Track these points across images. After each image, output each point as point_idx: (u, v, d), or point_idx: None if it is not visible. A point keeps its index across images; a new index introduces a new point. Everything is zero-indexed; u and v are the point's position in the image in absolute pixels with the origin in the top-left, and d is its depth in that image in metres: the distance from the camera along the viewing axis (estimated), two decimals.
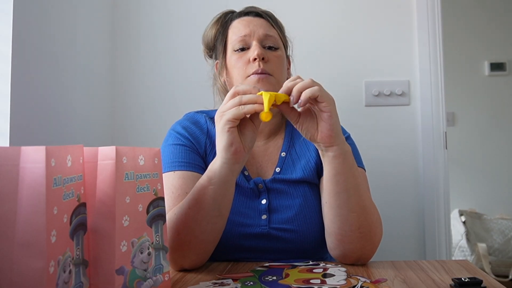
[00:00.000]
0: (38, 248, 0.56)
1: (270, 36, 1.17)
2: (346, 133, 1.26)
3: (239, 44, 1.17)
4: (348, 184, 0.96)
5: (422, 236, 1.75)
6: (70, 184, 0.63)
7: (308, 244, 1.10)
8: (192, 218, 0.94)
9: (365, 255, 1.00)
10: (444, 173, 1.76)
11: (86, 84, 1.60)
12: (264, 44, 1.17)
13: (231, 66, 1.18)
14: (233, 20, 1.23)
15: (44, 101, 1.34)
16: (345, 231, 0.98)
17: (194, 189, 0.96)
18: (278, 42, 1.20)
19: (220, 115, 0.92)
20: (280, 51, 1.20)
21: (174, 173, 1.09)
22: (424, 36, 1.78)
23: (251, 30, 1.17)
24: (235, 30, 1.19)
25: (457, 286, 0.78)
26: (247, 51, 1.16)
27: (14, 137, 1.18)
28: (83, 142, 1.51)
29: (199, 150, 1.15)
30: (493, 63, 3.46)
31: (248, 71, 1.13)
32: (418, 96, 1.77)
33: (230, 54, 1.19)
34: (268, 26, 1.19)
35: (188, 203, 0.95)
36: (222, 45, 1.22)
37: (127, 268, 0.71)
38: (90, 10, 1.65)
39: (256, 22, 1.19)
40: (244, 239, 1.08)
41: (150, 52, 1.83)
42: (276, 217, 1.10)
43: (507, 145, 3.42)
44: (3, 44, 1.18)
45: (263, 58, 1.13)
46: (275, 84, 1.12)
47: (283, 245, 1.09)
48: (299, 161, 1.18)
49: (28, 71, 1.26)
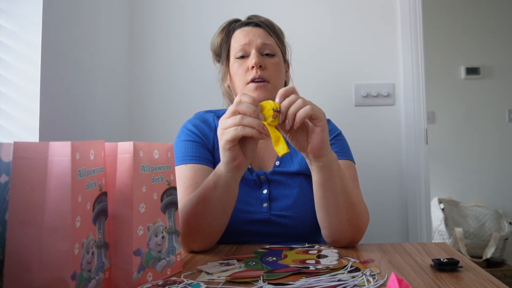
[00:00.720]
0: (64, 232, 0.56)
1: (267, 44, 1.17)
2: (338, 130, 1.26)
3: (240, 52, 1.16)
4: (335, 188, 0.94)
5: (405, 222, 1.74)
6: (92, 175, 0.63)
7: (304, 229, 1.10)
8: (199, 213, 0.94)
9: (355, 240, 1.01)
10: (425, 165, 1.75)
11: (106, 87, 1.60)
12: (262, 52, 1.16)
13: (233, 73, 1.18)
14: (235, 30, 1.22)
15: (69, 101, 1.34)
16: (335, 225, 0.98)
17: (202, 188, 0.95)
18: (275, 49, 1.19)
19: (221, 132, 0.87)
20: (277, 57, 1.19)
21: (186, 166, 1.10)
22: (407, 44, 1.77)
23: (250, 39, 1.16)
24: (236, 39, 1.19)
25: (436, 266, 0.78)
26: (246, 59, 1.16)
27: (43, 133, 1.18)
28: (104, 138, 1.51)
29: (208, 146, 1.15)
30: (469, 67, 3.45)
31: (247, 78, 1.13)
32: (402, 97, 1.77)
33: (232, 61, 1.19)
34: (265, 35, 1.19)
35: (197, 199, 0.95)
36: (226, 53, 1.22)
37: (144, 249, 0.71)
38: (110, 17, 1.64)
39: (255, 31, 1.18)
40: (247, 225, 1.08)
41: (165, 57, 1.83)
42: (276, 205, 1.10)
43: (481, 141, 3.41)
44: (33, 50, 1.18)
45: (260, 66, 1.13)
46: (272, 90, 1.13)
47: (282, 230, 1.09)
48: (296, 156, 1.19)
49: (55, 74, 1.26)
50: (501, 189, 3.36)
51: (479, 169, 3.40)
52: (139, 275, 0.70)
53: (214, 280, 0.73)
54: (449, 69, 3.48)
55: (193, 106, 1.70)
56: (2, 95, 1.17)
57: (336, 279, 0.71)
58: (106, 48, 1.60)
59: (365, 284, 0.70)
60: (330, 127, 1.24)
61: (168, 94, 1.81)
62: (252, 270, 0.78)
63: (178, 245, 0.81)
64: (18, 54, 1.18)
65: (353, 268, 0.78)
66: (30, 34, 1.18)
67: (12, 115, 1.16)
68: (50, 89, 1.22)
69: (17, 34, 1.18)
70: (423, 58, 1.78)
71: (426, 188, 1.75)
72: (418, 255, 0.90)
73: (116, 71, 1.69)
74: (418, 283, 0.70)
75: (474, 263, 0.82)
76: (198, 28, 1.82)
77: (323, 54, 1.80)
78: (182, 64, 1.82)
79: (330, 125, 1.26)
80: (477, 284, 0.69)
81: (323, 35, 1.81)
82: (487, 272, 0.76)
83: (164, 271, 0.76)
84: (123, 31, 1.77)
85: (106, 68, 1.59)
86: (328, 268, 0.78)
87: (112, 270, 0.69)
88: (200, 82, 1.79)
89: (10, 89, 1.17)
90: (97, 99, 1.52)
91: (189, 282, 0.71)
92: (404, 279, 0.61)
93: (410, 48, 1.77)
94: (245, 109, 0.84)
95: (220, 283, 0.72)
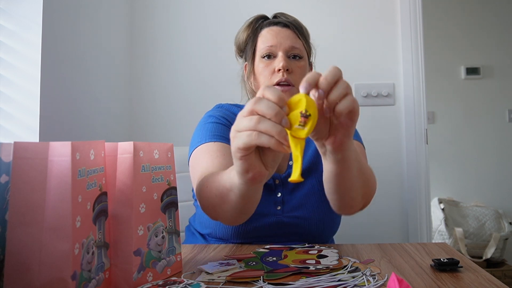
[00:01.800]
0: (65, 232, 0.56)
1: (295, 47, 1.13)
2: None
3: (266, 52, 1.13)
4: (351, 176, 0.83)
5: (406, 222, 1.74)
6: (93, 175, 0.63)
7: (315, 228, 1.11)
8: (217, 206, 0.89)
9: (364, 207, 1.01)
10: (425, 165, 1.75)
11: (107, 87, 1.60)
12: (289, 54, 1.13)
13: (258, 73, 1.15)
14: (263, 28, 1.18)
15: (69, 101, 1.34)
16: (349, 203, 0.93)
17: (219, 183, 0.85)
18: (303, 52, 1.16)
19: (233, 134, 0.67)
20: (304, 61, 1.16)
21: (214, 143, 1.06)
22: (407, 45, 1.77)
23: (278, 41, 1.13)
24: (263, 39, 1.15)
25: (436, 266, 0.78)
26: (273, 60, 1.13)
27: (43, 133, 1.18)
28: (104, 138, 1.51)
29: None
30: (469, 68, 3.45)
31: (273, 80, 1.10)
32: (402, 97, 1.77)
33: (258, 60, 1.16)
34: (294, 38, 1.15)
35: (215, 192, 0.87)
36: (252, 51, 1.18)
37: (144, 250, 0.71)
38: (110, 17, 1.64)
39: (283, 33, 1.14)
40: (261, 226, 1.08)
41: (165, 56, 1.83)
42: (288, 207, 1.10)
43: (481, 141, 3.41)
44: (33, 50, 1.18)
45: (287, 69, 1.10)
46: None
47: (294, 230, 1.09)
48: (307, 151, 1.16)
49: (56, 74, 1.26)
50: (501, 189, 3.36)
51: (479, 169, 3.40)
52: (139, 275, 0.70)
53: (214, 280, 0.73)
54: (449, 69, 3.48)
55: (193, 106, 1.70)
56: (2, 95, 1.17)
57: (336, 279, 0.71)
58: (106, 48, 1.60)
59: (365, 284, 0.70)
60: None
61: (168, 94, 1.81)
62: (252, 270, 0.78)
63: (178, 245, 0.81)
64: (18, 54, 1.18)
65: (353, 268, 0.78)
66: (30, 34, 1.18)
67: (12, 115, 1.16)
68: (50, 89, 1.22)
69: (17, 34, 1.18)
70: (423, 58, 1.78)
71: (426, 188, 1.75)
72: (418, 255, 0.90)
73: (116, 71, 1.68)
74: (418, 283, 0.70)
75: (474, 263, 0.82)
76: (198, 28, 1.82)
77: (323, 54, 1.80)
78: (182, 64, 1.82)
79: None
80: (477, 284, 0.69)
81: (323, 35, 1.81)
82: (487, 272, 0.76)
83: (164, 271, 0.76)
84: (123, 31, 1.77)
85: (106, 68, 1.59)
86: (328, 268, 0.78)
87: (112, 270, 0.69)
88: (201, 82, 1.79)
89: (10, 89, 1.17)
90: (97, 99, 1.52)
91: (189, 282, 0.71)
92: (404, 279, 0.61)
93: (410, 48, 1.77)
94: (264, 110, 0.62)
95: (220, 283, 0.72)
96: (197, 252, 0.97)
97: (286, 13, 1.23)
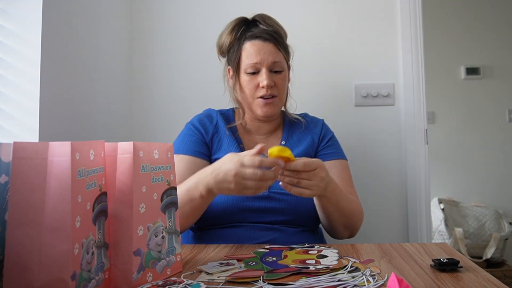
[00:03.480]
0: (64, 232, 0.56)
1: (276, 62, 1.24)
2: (331, 132, 1.38)
3: (250, 68, 1.24)
4: (333, 209, 1.12)
5: (406, 222, 1.74)
6: (92, 175, 0.63)
7: (304, 208, 1.17)
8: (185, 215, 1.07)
9: (350, 236, 1.22)
10: (425, 165, 1.75)
11: (106, 87, 1.60)
12: (271, 69, 1.24)
13: (244, 85, 1.26)
14: (246, 40, 1.26)
15: (69, 101, 1.34)
16: (333, 229, 1.19)
17: (189, 195, 1.04)
18: (283, 64, 1.27)
19: (242, 183, 0.94)
20: (285, 72, 1.28)
21: (186, 156, 1.24)
22: (407, 44, 1.77)
23: (261, 58, 1.23)
24: (247, 53, 1.24)
25: (436, 266, 0.78)
26: (257, 75, 1.24)
27: (43, 133, 1.18)
28: (104, 138, 1.51)
29: (206, 138, 1.28)
30: (469, 67, 3.44)
31: (258, 94, 1.24)
32: (402, 97, 1.77)
33: (243, 73, 1.26)
34: (275, 52, 1.24)
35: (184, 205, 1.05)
36: (236, 62, 1.27)
37: (144, 250, 0.71)
38: (110, 17, 1.64)
39: (266, 48, 1.23)
40: (248, 201, 1.15)
41: (165, 56, 1.82)
42: (276, 184, 1.10)
43: (481, 141, 3.41)
44: (33, 50, 1.18)
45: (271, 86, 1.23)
46: (278, 103, 1.27)
47: (282, 205, 1.16)
48: (297, 148, 1.28)
49: (55, 74, 1.26)
50: (501, 189, 3.35)
51: (479, 169, 3.40)
52: (139, 275, 0.70)
53: (214, 280, 0.73)
54: (449, 69, 3.48)
55: (193, 106, 1.70)
56: (2, 95, 1.16)
57: (336, 279, 0.72)
58: (106, 48, 1.60)
59: (365, 284, 0.70)
60: (325, 130, 1.37)
61: (168, 94, 1.81)
62: (252, 270, 0.78)
63: (178, 245, 0.81)
64: (18, 54, 1.18)
65: (353, 268, 0.78)
66: (30, 34, 1.18)
67: (12, 115, 1.16)
68: (50, 89, 1.22)
69: (17, 34, 1.18)
70: (423, 58, 1.78)
71: (426, 188, 1.74)
72: (418, 255, 0.90)
73: (116, 71, 1.68)
74: (418, 283, 0.70)
75: (474, 263, 0.82)
76: (198, 28, 1.82)
77: (323, 54, 1.80)
78: (182, 64, 1.82)
79: (325, 127, 1.38)
80: (477, 284, 0.69)
81: (323, 35, 1.81)
82: (487, 272, 0.76)
83: (164, 271, 0.76)
84: (123, 31, 1.77)
85: (106, 68, 1.59)
86: (328, 268, 0.78)
87: (112, 270, 0.69)
88: (201, 82, 1.79)
89: (10, 89, 1.17)
90: (97, 99, 1.52)
91: (189, 282, 0.71)
92: (404, 279, 0.61)
93: (410, 48, 1.77)
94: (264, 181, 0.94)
95: (220, 283, 0.72)
96: (197, 252, 0.97)
97: (266, 17, 1.31)
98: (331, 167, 1.23)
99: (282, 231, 1.15)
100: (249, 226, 1.15)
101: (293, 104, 1.44)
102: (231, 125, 1.31)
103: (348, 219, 1.15)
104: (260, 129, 1.34)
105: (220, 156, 1.16)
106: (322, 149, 1.32)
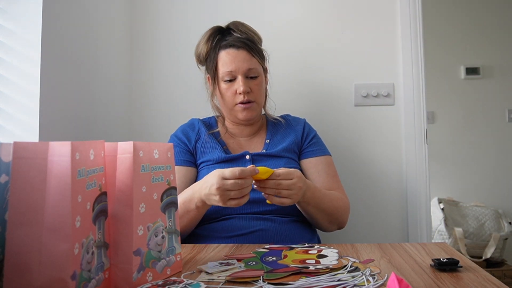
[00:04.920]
0: (64, 232, 0.56)
1: (251, 69, 1.30)
2: (314, 130, 1.44)
3: (227, 76, 1.30)
4: (314, 211, 1.18)
5: (405, 222, 1.74)
6: (92, 175, 0.63)
7: None
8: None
9: (339, 228, 1.29)
10: (425, 165, 1.75)
11: (106, 87, 1.60)
12: (247, 75, 1.30)
13: (223, 93, 1.32)
14: (221, 49, 1.31)
15: (69, 101, 1.34)
16: (318, 225, 1.26)
17: (185, 208, 1.10)
18: (259, 70, 1.33)
19: (225, 194, 0.98)
20: (260, 77, 1.33)
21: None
22: (407, 44, 1.77)
23: (236, 66, 1.28)
24: (222, 62, 1.30)
25: (436, 266, 0.78)
26: (234, 82, 1.30)
27: (43, 133, 1.18)
28: (104, 138, 1.51)
29: (190, 147, 1.34)
30: (469, 67, 3.44)
31: (236, 100, 1.31)
32: (402, 97, 1.77)
33: (220, 81, 1.32)
34: (249, 59, 1.30)
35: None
36: (213, 71, 1.33)
37: (144, 249, 0.71)
38: (110, 17, 1.64)
39: (240, 56, 1.29)
40: None
41: (165, 57, 1.82)
42: None
43: (480, 141, 3.41)
44: (33, 50, 1.18)
45: (247, 92, 1.29)
46: (256, 108, 1.33)
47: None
48: (281, 144, 1.34)
49: (55, 74, 1.26)
50: (501, 189, 3.35)
51: (479, 169, 3.40)
52: (139, 275, 0.70)
53: (214, 280, 0.73)
54: (449, 69, 3.48)
55: (193, 106, 1.70)
56: (2, 95, 1.16)
57: (336, 279, 0.72)
58: (106, 48, 1.60)
59: (365, 284, 0.70)
60: (307, 128, 1.43)
61: (168, 94, 1.81)
62: (252, 270, 0.78)
63: (178, 245, 0.81)
64: (18, 54, 1.18)
65: (353, 268, 0.78)
66: (30, 34, 1.18)
67: (12, 115, 1.16)
68: (50, 89, 1.22)
69: (17, 34, 1.18)
70: (423, 58, 1.78)
71: (426, 188, 1.74)
72: (418, 255, 0.90)
73: (116, 71, 1.68)
74: (418, 283, 0.70)
75: (474, 263, 0.82)
76: (198, 28, 1.81)
77: (323, 54, 1.80)
78: (182, 64, 1.82)
79: (307, 126, 1.44)
80: (477, 284, 0.69)
81: (323, 35, 1.81)
82: (487, 272, 0.76)
83: (164, 271, 0.76)
84: (123, 31, 1.77)
85: (106, 68, 1.59)
86: (328, 268, 0.78)
87: (112, 270, 0.69)
88: (201, 82, 1.79)
89: (10, 89, 1.17)
90: (97, 99, 1.52)
91: (189, 282, 0.71)
92: (404, 279, 0.61)
93: (410, 48, 1.77)
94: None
95: (220, 283, 0.72)
96: (197, 252, 0.97)
97: (239, 24, 1.36)
98: (318, 163, 1.33)
99: (273, 220, 1.19)
100: (240, 217, 1.19)
101: (273, 105, 1.50)
102: (212, 131, 1.38)
103: (331, 216, 1.22)
104: (243, 132, 1.40)
105: (206, 159, 1.29)
106: (307, 146, 1.38)
